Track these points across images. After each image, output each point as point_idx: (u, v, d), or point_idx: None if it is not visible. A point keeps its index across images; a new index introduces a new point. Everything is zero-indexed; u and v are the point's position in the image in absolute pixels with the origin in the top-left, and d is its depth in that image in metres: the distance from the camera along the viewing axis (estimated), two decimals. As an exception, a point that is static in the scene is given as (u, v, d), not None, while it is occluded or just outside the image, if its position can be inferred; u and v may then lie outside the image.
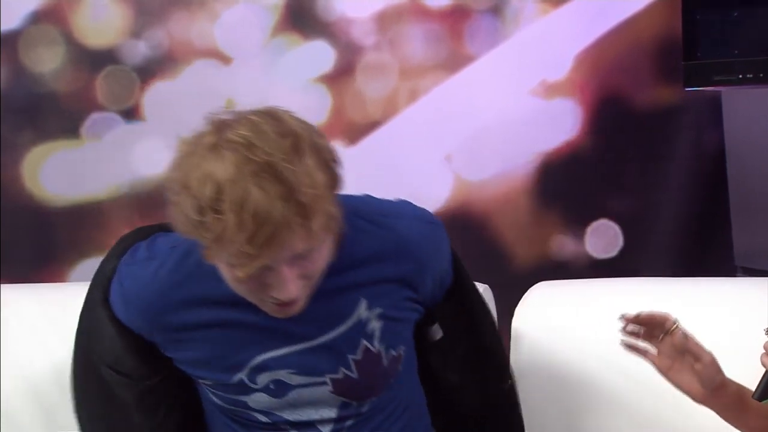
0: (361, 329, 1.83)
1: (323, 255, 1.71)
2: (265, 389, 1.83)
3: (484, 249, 3.08)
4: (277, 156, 1.61)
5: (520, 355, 2.22)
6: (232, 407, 1.87)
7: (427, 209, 1.92)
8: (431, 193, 3.05)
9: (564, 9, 3.13)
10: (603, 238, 3.21)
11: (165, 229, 1.84)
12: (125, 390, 1.89)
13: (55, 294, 2.35)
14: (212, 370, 1.84)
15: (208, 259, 1.67)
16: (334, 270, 1.76)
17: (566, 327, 2.23)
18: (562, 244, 3.19)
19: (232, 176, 1.60)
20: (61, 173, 3.02)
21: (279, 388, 1.83)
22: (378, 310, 1.83)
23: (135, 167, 3.04)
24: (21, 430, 2.21)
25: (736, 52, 2.83)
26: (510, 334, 2.27)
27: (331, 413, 1.86)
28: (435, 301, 1.93)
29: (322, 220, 1.63)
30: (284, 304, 1.70)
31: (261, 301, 1.72)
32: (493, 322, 2.07)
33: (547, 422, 2.19)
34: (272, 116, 1.67)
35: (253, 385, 1.83)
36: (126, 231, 1.98)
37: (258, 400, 1.84)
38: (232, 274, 1.67)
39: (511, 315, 2.29)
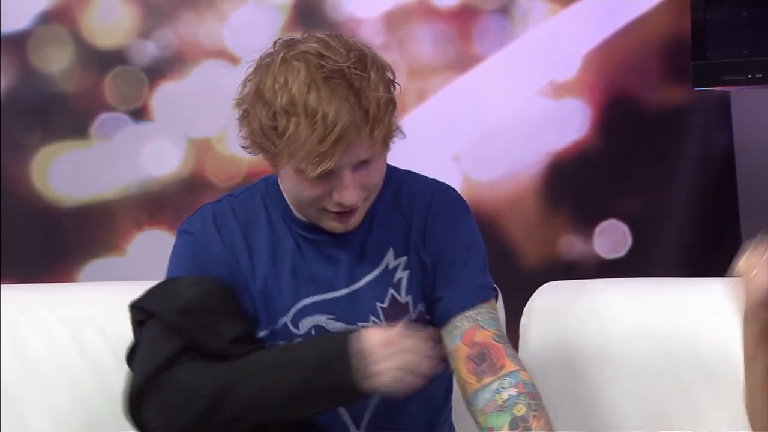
0: (389, 278, 1.92)
1: (380, 168, 1.86)
2: (306, 335, 1.89)
3: (492, 249, 3.04)
4: (346, 64, 1.77)
5: (528, 355, 2.22)
6: None
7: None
8: (440, 193, 3.05)
9: (572, 9, 3.13)
10: (611, 238, 3.21)
11: None
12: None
13: (64, 294, 2.35)
14: (266, 313, 1.89)
15: (276, 167, 1.83)
16: (366, 222, 1.91)
17: (574, 327, 2.23)
18: (571, 244, 3.18)
19: (305, 81, 1.76)
20: (70, 173, 3.02)
21: (319, 335, 1.89)
22: (403, 259, 1.92)
23: (144, 167, 3.04)
24: (28, 430, 2.21)
25: (745, 51, 2.83)
26: (518, 334, 2.27)
27: None
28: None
29: (384, 130, 1.79)
30: (343, 215, 1.85)
31: (321, 213, 1.86)
32: None
33: (556, 421, 2.19)
34: (338, 36, 1.84)
35: (295, 330, 1.89)
36: (134, 231, 2.00)
37: None
38: (300, 180, 1.81)
39: (520, 315, 2.29)
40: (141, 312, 1.91)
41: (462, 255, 1.95)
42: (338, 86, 1.76)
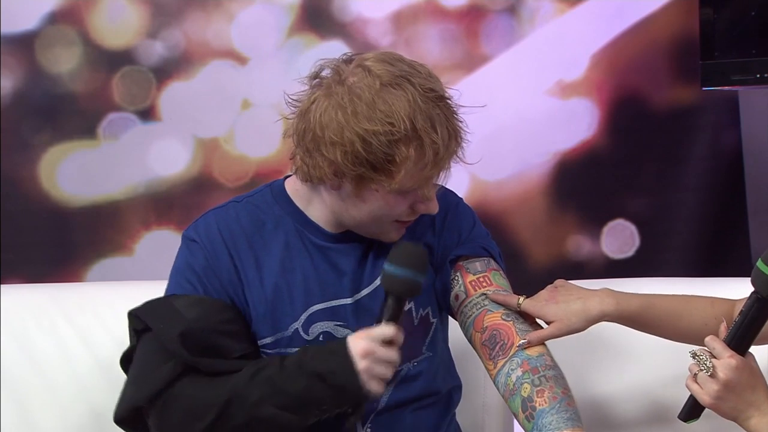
0: None
1: None
2: (315, 341, 1.90)
3: (500, 249, 3.08)
4: (444, 92, 1.85)
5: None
6: None
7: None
8: (447, 193, 3.05)
9: (580, 9, 3.13)
10: (619, 238, 3.20)
11: None
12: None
13: (72, 294, 2.36)
14: (272, 321, 1.90)
15: (361, 190, 1.81)
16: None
17: (582, 327, 2.22)
18: (579, 244, 3.18)
19: (422, 109, 1.80)
20: (78, 173, 3.03)
21: (327, 342, 1.89)
22: None
23: (151, 167, 3.05)
24: (36, 430, 2.22)
25: (753, 51, 2.82)
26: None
27: None
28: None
29: None
30: (408, 223, 1.89)
31: (393, 226, 1.88)
32: None
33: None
34: (399, 56, 1.91)
35: (306, 336, 1.90)
36: (142, 231, 1.99)
37: None
38: (392, 199, 1.82)
39: (527, 315, 2.28)
40: (140, 321, 1.91)
41: (465, 230, 1.99)
42: (445, 110, 1.83)
